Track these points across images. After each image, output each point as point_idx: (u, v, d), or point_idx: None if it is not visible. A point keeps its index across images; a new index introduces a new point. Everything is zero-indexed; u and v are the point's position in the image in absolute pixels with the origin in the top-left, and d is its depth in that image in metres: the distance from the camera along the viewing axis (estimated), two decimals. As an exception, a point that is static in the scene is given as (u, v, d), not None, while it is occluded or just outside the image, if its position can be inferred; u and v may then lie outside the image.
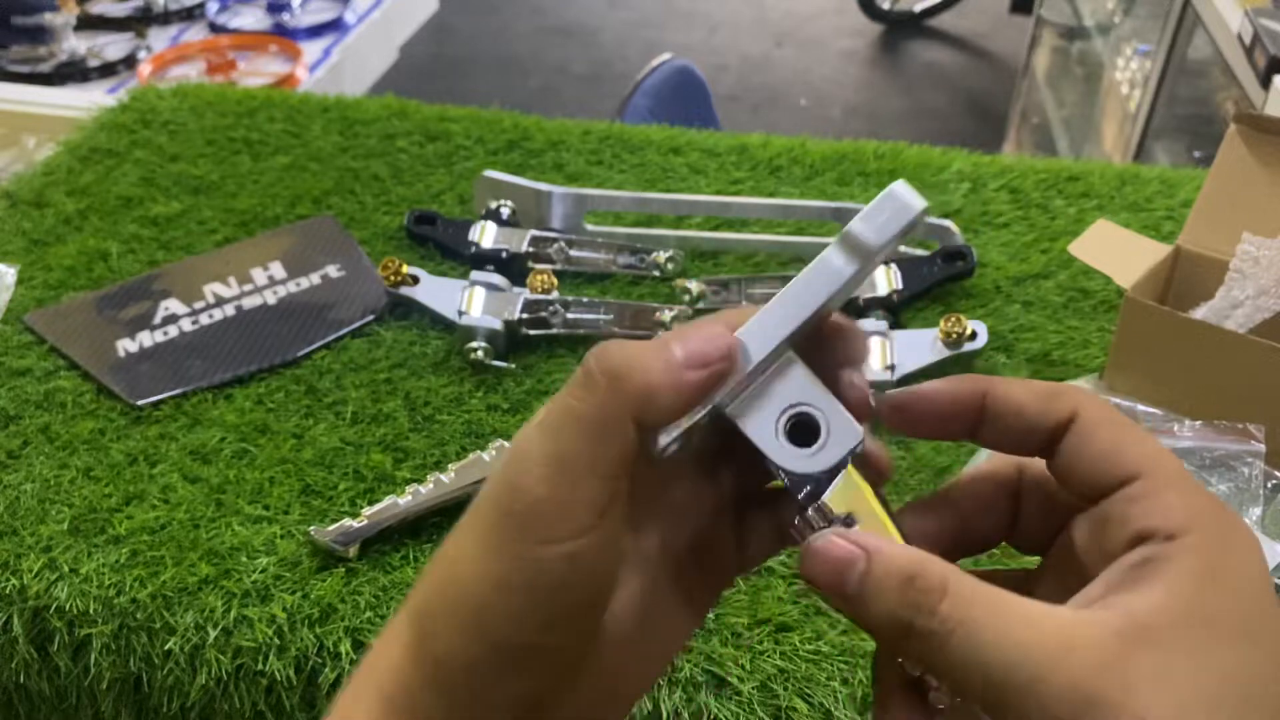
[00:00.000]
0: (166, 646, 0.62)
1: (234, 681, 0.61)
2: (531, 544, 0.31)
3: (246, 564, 0.65)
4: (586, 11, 3.75)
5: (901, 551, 0.31)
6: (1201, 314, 0.71)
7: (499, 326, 0.80)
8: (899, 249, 0.89)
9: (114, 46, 2.45)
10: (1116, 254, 0.76)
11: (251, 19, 2.69)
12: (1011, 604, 0.29)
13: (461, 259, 0.90)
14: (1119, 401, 0.71)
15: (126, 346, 0.83)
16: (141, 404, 0.77)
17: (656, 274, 0.89)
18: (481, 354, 0.79)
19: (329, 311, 0.86)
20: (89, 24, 2.51)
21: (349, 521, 0.66)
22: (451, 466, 0.69)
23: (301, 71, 2.40)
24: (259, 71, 2.41)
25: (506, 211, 0.92)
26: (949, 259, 0.86)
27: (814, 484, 0.32)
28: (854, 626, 0.61)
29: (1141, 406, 0.70)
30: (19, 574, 0.65)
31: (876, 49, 3.55)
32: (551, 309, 0.82)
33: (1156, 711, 0.26)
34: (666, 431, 0.32)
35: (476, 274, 0.84)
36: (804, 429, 0.32)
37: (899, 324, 0.82)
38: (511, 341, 0.81)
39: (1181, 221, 0.78)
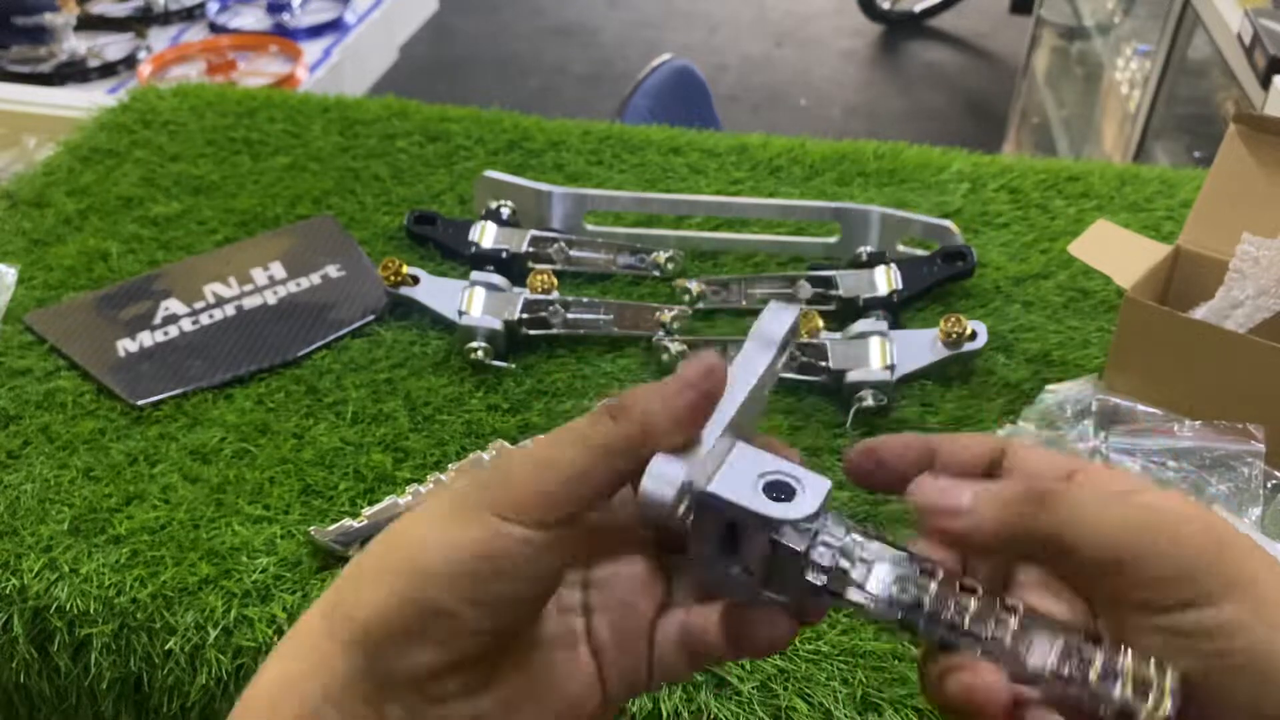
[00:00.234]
0: (167, 646, 0.62)
1: (234, 681, 0.61)
2: (496, 517, 0.33)
3: (247, 564, 0.65)
4: (586, 11, 3.75)
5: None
6: (1201, 314, 0.71)
7: (499, 326, 0.80)
8: (899, 249, 0.89)
9: (114, 47, 2.45)
10: (1116, 254, 0.77)
11: (252, 19, 2.69)
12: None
13: (461, 259, 0.90)
14: (1119, 401, 0.71)
15: (127, 346, 0.83)
16: (142, 404, 0.77)
17: (656, 274, 0.89)
18: (481, 354, 0.79)
19: (329, 311, 0.86)
20: (89, 24, 2.51)
21: (349, 521, 0.66)
22: (451, 466, 0.69)
23: (302, 72, 2.40)
24: (259, 72, 2.41)
25: (506, 212, 0.92)
26: (949, 259, 0.86)
27: (808, 530, 0.35)
28: (854, 627, 0.61)
29: (1141, 406, 0.71)
30: (19, 574, 0.65)
31: (876, 49, 3.55)
32: (551, 309, 0.82)
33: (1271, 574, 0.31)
34: (671, 484, 0.34)
35: (476, 274, 0.84)
36: (780, 487, 0.35)
37: (899, 324, 0.82)
38: (511, 341, 0.81)
39: (1181, 221, 0.78)
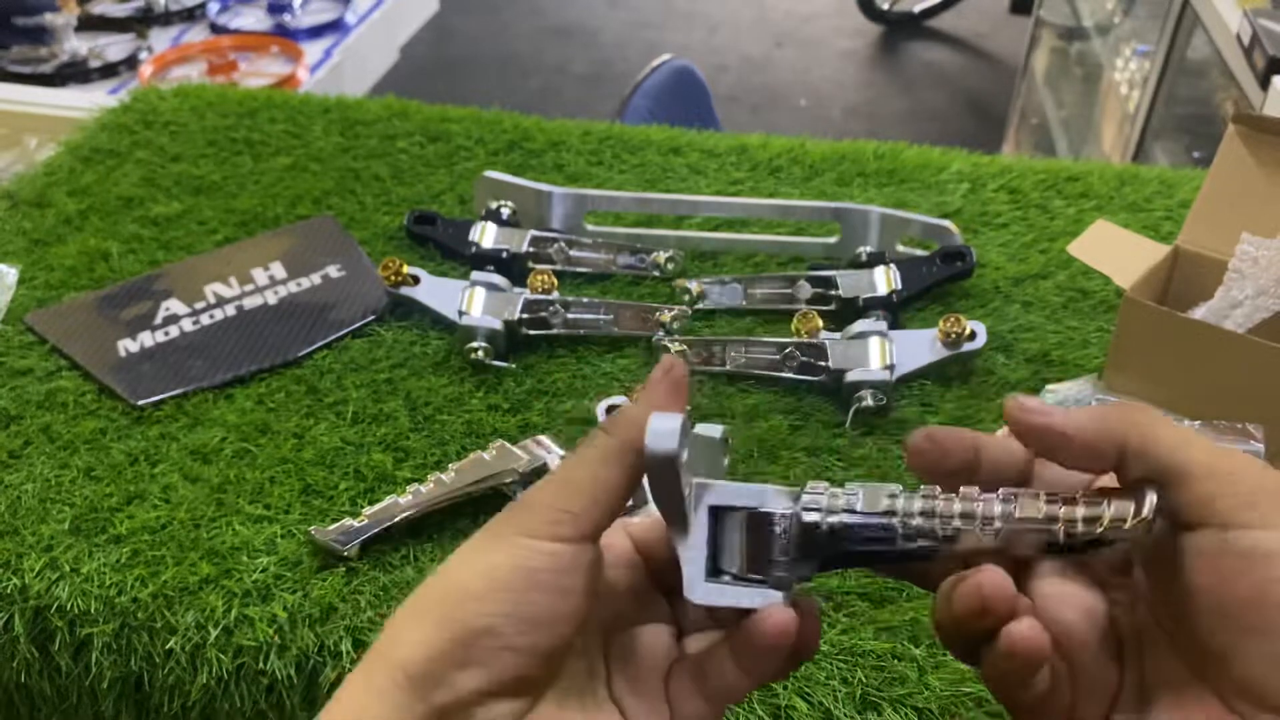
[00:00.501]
0: (167, 646, 0.62)
1: (235, 681, 0.61)
2: (523, 536, 0.36)
3: (247, 563, 0.65)
4: (586, 12, 3.75)
5: None
6: (1200, 314, 0.71)
7: (499, 326, 0.80)
8: (898, 249, 0.90)
9: (115, 47, 2.45)
10: (1115, 254, 0.77)
11: (252, 20, 2.69)
12: None
13: (462, 259, 0.90)
14: (1118, 400, 0.71)
15: (127, 346, 0.83)
16: (142, 404, 0.77)
17: (656, 274, 0.89)
18: (482, 354, 0.79)
19: (330, 311, 0.86)
20: (90, 24, 2.51)
21: (350, 521, 0.66)
22: (452, 466, 0.69)
23: (302, 72, 2.40)
24: (260, 72, 2.41)
25: (507, 212, 0.92)
26: (948, 259, 0.86)
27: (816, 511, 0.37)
28: (854, 626, 0.61)
29: (1140, 406, 0.71)
30: (20, 573, 0.65)
31: (876, 49, 3.56)
32: (552, 309, 0.82)
33: None
34: (670, 436, 0.36)
35: (477, 274, 0.84)
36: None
37: (898, 324, 0.82)
38: (512, 341, 0.81)
39: (1180, 222, 0.78)
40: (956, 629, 0.35)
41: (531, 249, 0.89)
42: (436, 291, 0.84)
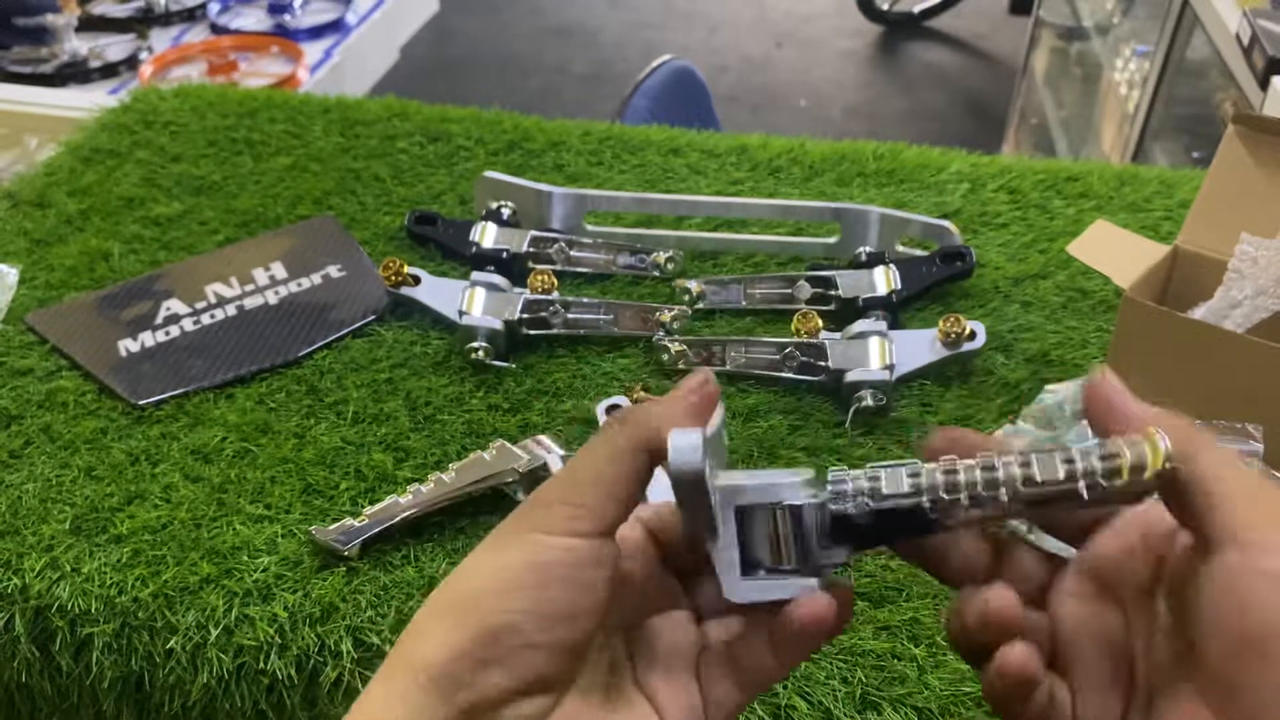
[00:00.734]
0: (168, 645, 0.62)
1: (235, 680, 0.61)
2: (538, 532, 0.36)
3: (248, 563, 0.65)
4: (586, 12, 3.75)
5: None
6: (1200, 314, 0.72)
7: (499, 326, 0.80)
8: (898, 249, 0.90)
9: (115, 47, 2.45)
10: (1115, 254, 0.77)
11: (253, 20, 2.69)
12: None
13: (462, 259, 0.90)
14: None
15: (128, 346, 0.83)
16: (143, 404, 0.77)
17: (656, 274, 0.89)
18: (482, 354, 0.79)
19: (330, 311, 0.86)
20: (90, 25, 2.51)
21: (350, 521, 0.67)
22: (452, 466, 0.69)
23: (303, 72, 2.40)
24: (260, 72, 2.41)
25: (507, 212, 0.92)
26: (948, 259, 0.86)
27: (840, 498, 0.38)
28: (854, 625, 0.61)
29: (1140, 406, 0.71)
30: (21, 573, 0.65)
31: (876, 50, 3.56)
32: (552, 309, 0.82)
33: None
34: (694, 451, 0.36)
35: (477, 274, 0.84)
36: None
37: (898, 324, 0.82)
38: (512, 341, 0.81)
39: (1180, 222, 0.78)
40: (965, 637, 0.36)
41: (531, 249, 0.89)
42: (437, 291, 0.84)
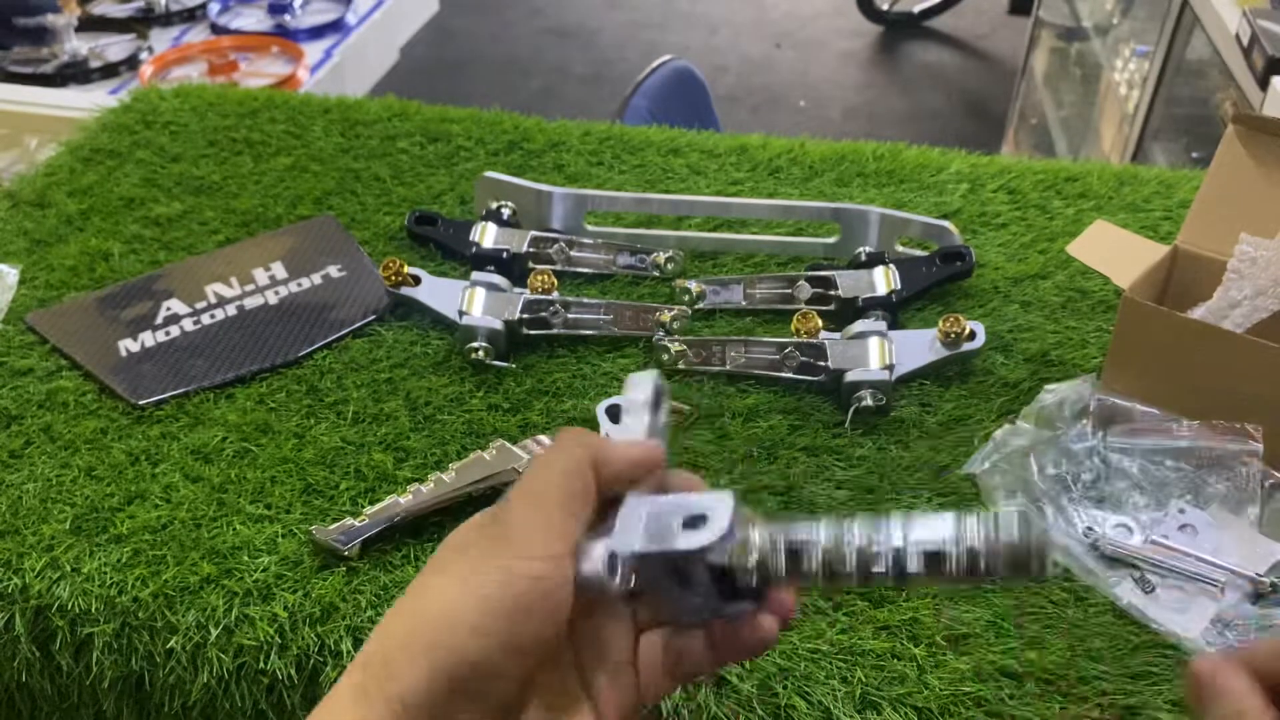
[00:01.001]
0: (168, 645, 0.62)
1: (236, 680, 0.61)
2: (508, 558, 0.37)
3: (248, 563, 0.65)
4: (586, 13, 3.75)
5: None
6: (1199, 314, 0.72)
7: (499, 326, 0.80)
8: (897, 249, 0.90)
9: (116, 47, 2.45)
10: (1114, 254, 0.77)
11: (253, 20, 2.69)
12: None
13: (462, 259, 0.90)
14: (1117, 401, 0.71)
15: (128, 346, 0.83)
16: (143, 404, 0.77)
17: (656, 274, 0.89)
18: (482, 354, 0.79)
19: (330, 311, 0.86)
20: (91, 25, 2.51)
21: (350, 520, 0.67)
22: (452, 466, 0.69)
23: (303, 72, 2.40)
24: (260, 72, 2.41)
25: (507, 212, 0.92)
26: (947, 259, 0.86)
27: (723, 546, 0.40)
28: (853, 626, 0.61)
29: (1139, 406, 0.71)
30: (21, 573, 0.65)
31: (875, 50, 3.56)
32: (552, 309, 0.82)
33: None
34: (600, 564, 0.39)
35: (477, 274, 0.84)
36: (694, 520, 0.40)
37: (898, 324, 0.82)
38: (512, 341, 0.81)
39: (1179, 222, 0.78)
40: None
41: (531, 249, 0.89)
42: (437, 291, 0.84)
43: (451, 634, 0.36)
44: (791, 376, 0.78)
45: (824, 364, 0.77)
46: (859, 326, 0.78)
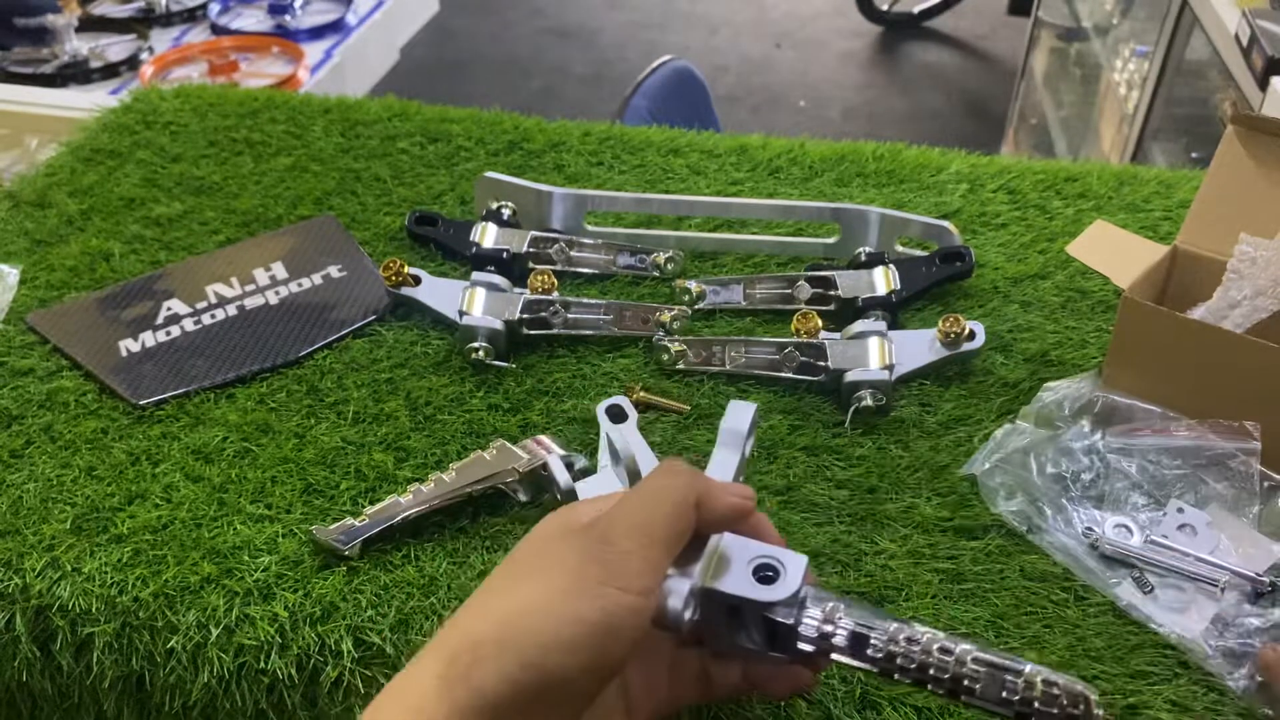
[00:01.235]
0: (169, 645, 0.62)
1: (236, 680, 0.61)
2: (614, 588, 0.38)
3: (248, 563, 0.65)
4: (586, 13, 3.75)
5: None
6: (1199, 314, 0.72)
7: (500, 326, 0.80)
8: (897, 249, 0.90)
9: (116, 47, 2.46)
10: (1114, 254, 0.77)
11: (253, 20, 2.69)
12: None
13: (462, 259, 0.90)
14: (1117, 400, 0.71)
15: (129, 346, 0.83)
16: (144, 404, 0.78)
17: (656, 274, 0.89)
18: (482, 354, 0.79)
19: (330, 311, 0.86)
20: (91, 25, 2.52)
21: (351, 520, 0.67)
22: (453, 466, 0.69)
23: (303, 73, 2.40)
24: (261, 73, 2.42)
25: (507, 212, 0.92)
26: (947, 259, 0.86)
27: (790, 605, 0.42)
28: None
29: (1139, 405, 0.71)
30: (22, 573, 0.65)
31: (875, 50, 3.56)
32: (552, 309, 0.82)
33: None
34: (681, 602, 0.41)
35: (477, 274, 0.84)
36: (767, 569, 0.42)
37: (897, 324, 0.82)
38: (512, 341, 0.81)
39: (1179, 222, 0.78)
40: None
41: (532, 249, 0.89)
42: (437, 292, 0.84)
43: (542, 649, 0.37)
44: (791, 376, 0.78)
45: (824, 364, 0.77)
46: (859, 326, 0.79)
